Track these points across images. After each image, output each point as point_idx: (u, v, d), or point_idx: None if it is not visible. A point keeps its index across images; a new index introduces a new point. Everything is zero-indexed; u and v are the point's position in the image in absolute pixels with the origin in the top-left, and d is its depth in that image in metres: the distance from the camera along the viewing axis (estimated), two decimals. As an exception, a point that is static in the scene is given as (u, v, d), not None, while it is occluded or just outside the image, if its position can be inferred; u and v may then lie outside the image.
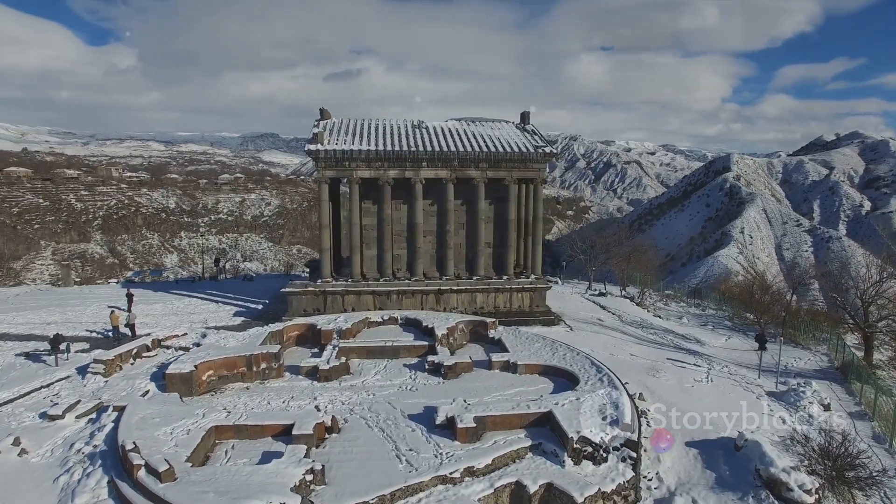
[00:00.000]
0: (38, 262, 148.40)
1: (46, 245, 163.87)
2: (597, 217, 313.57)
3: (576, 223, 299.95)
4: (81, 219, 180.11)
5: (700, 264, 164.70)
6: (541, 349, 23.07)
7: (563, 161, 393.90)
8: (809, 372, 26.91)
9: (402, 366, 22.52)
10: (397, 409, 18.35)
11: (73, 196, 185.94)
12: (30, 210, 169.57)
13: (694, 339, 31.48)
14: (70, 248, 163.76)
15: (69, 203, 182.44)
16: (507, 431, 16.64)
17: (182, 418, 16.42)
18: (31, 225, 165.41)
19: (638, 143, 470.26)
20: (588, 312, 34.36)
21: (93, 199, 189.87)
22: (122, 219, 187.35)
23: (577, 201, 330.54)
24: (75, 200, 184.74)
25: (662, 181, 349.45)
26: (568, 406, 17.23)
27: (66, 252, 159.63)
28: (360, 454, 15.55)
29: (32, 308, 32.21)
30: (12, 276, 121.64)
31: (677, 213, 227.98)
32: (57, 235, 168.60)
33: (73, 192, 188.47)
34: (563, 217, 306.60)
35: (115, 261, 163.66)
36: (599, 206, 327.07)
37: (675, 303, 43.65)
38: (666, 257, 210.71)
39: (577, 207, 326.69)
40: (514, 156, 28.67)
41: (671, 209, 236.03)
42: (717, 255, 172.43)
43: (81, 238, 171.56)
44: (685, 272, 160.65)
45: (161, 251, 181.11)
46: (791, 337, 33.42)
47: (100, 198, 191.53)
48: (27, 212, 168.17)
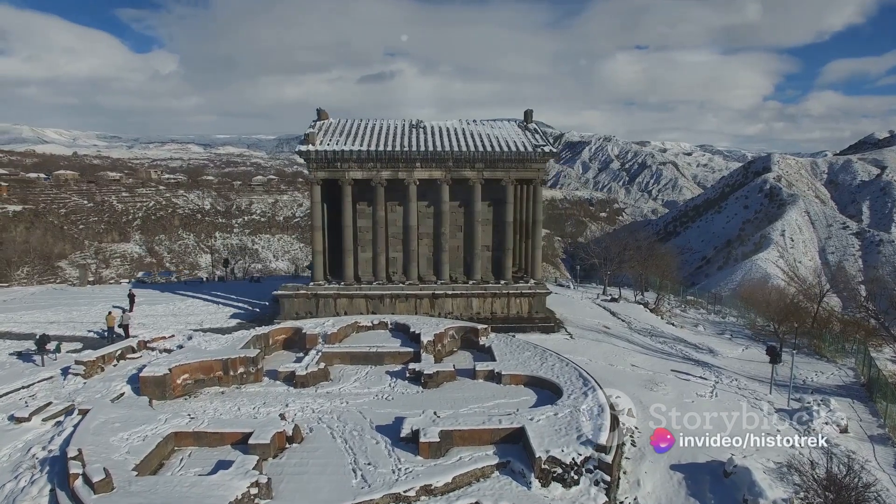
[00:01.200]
0: (81, 260, 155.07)
1: (90, 245, 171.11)
2: (630, 219, 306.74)
3: (609, 225, 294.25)
4: (122, 219, 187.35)
5: (737, 268, 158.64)
6: (530, 358, 21.92)
7: (596, 162, 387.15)
8: (830, 388, 24.84)
9: (384, 373, 21.78)
10: (367, 419, 17.61)
11: (115, 197, 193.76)
12: (76, 211, 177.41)
13: (707, 348, 29.67)
14: (111, 247, 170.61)
15: (111, 204, 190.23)
16: (476, 447, 15.66)
17: (143, 423, 16.08)
18: (77, 225, 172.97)
19: (674, 143, 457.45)
20: (595, 319, 32.86)
21: (133, 200, 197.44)
22: (160, 219, 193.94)
23: (611, 203, 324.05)
24: (117, 202, 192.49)
25: (699, 182, 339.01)
26: (543, 422, 16.12)
27: (107, 252, 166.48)
28: (315, 467, 14.87)
29: (42, 307, 32.97)
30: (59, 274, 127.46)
31: (714, 215, 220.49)
32: (99, 235, 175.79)
33: (115, 193, 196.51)
34: (595, 219, 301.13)
35: (152, 260, 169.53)
36: (633, 207, 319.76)
37: (695, 309, 41.53)
38: (702, 260, 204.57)
39: (610, 209, 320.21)
40: (512, 155, 27.53)
41: (707, 211, 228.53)
42: (755, 258, 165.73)
43: (122, 238, 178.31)
44: (721, 276, 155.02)
45: (196, 251, 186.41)
46: (816, 348, 31.16)
47: (139, 199, 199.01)
48: (73, 212, 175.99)
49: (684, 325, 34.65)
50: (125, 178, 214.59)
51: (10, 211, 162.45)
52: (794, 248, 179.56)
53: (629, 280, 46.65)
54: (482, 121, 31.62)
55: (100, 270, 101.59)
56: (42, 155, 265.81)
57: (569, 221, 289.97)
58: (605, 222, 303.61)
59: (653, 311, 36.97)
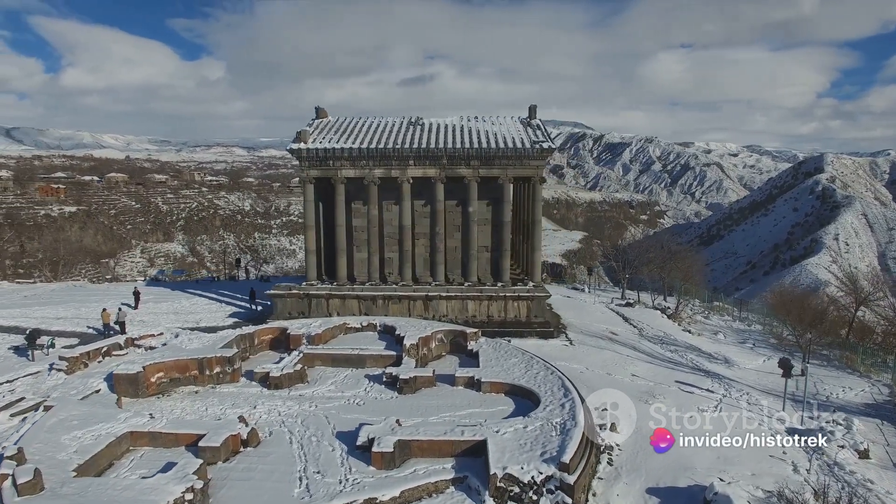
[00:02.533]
0: (128, 259, 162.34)
1: (137, 244, 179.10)
2: (672, 221, 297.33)
3: (650, 228, 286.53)
4: (167, 220, 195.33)
5: (785, 273, 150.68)
6: (516, 365, 20.68)
7: (637, 164, 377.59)
8: (857, 406, 22.50)
9: (363, 376, 21.04)
10: (331, 424, 16.89)
11: (161, 199, 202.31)
12: (124, 212, 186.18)
13: (722, 358, 27.57)
14: (156, 247, 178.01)
15: (157, 205, 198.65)
16: (435, 459, 14.65)
17: (101, 422, 15.84)
18: (125, 226, 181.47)
19: (719, 144, 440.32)
20: (603, 324, 31.16)
21: (177, 201, 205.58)
22: (202, 220, 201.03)
23: (652, 205, 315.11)
24: (162, 203, 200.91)
25: (745, 184, 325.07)
26: (509, 435, 14.94)
27: (152, 251, 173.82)
28: (262, 473, 14.23)
29: (55, 303, 33.94)
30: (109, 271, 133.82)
31: (760, 218, 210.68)
32: (145, 235, 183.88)
33: (161, 195, 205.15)
34: (636, 222, 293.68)
35: (194, 259, 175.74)
36: (675, 210, 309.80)
37: (720, 316, 39.01)
38: (747, 265, 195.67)
39: (651, 212, 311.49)
40: (508, 152, 26.28)
41: (754, 214, 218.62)
42: (805, 263, 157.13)
43: (166, 238, 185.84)
44: (768, 281, 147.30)
45: (236, 251, 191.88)
46: (848, 361, 28.56)
47: (183, 200, 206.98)
48: (122, 213, 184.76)
49: (702, 333, 32.44)
50: (170, 180, 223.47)
51: (66, 212, 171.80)
52: (850, 252, 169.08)
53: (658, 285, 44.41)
54: (484, 117, 30.47)
55: (116, 268, 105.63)
56: (98, 159, 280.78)
57: (608, 224, 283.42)
58: (646, 225, 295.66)
59: (670, 317, 34.83)
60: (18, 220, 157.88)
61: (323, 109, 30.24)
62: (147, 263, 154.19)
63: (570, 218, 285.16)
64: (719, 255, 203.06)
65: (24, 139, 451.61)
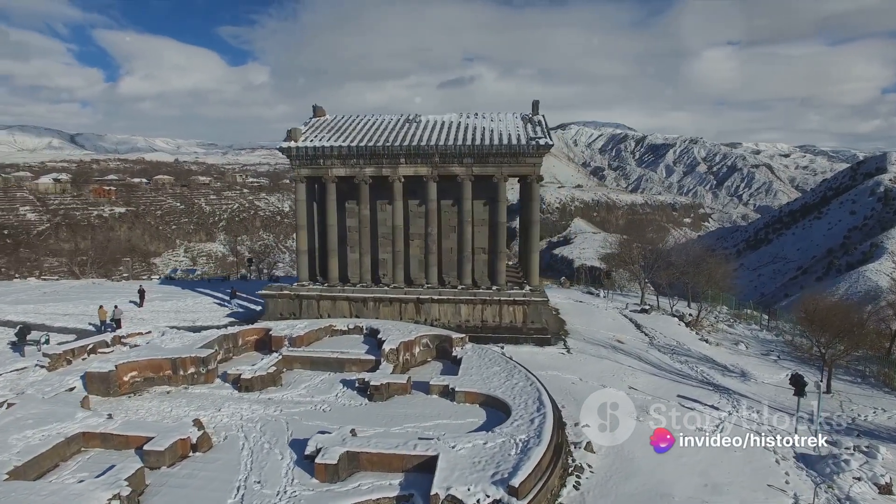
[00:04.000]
0: (172, 258, 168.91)
1: (181, 243, 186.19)
2: (717, 225, 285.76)
3: (693, 231, 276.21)
4: (209, 220, 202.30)
5: (840, 280, 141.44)
6: (497, 374, 19.38)
7: (681, 166, 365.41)
8: (887, 431, 20.09)
9: (338, 381, 20.23)
10: (290, 430, 16.13)
11: (204, 200, 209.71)
12: (170, 213, 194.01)
13: (739, 371, 25.40)
14: (199, 246, 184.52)
15: (200, 206, 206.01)
16: (384, 474, 13.63)
17: (57, 421, 15.57)
18: (170, 226, 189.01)
19: (769, 144, 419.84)
20: (611, 332, 29.32)
21: (219, 202, 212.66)
22: (243, 220, 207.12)
23: (696, 208, 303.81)
24: (205, 204, 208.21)
25: (797, 186, 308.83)
26: (465, 451, 13.74)
27: (195, 250, 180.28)
28: (202, 480, 13.57)
29: (70, 300, 34.81)
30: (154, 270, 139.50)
31: (813, 222, 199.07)
32: (189, 235, 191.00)
33: (204, 196, 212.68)
34: (678, 225, 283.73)
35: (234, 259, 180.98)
36: (721, 213, 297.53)
37: (746, 324, 36.32)
38: (797, 270, 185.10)
39: (695, 214, 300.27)
40: (502, 149, 24.92)
41: (806, 217, 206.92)
42: (863, 269, 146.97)
43: (208, 238, 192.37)
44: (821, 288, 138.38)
45: (275, 251, 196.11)
46: (886, 379, 25.83)
47: (225, 202, 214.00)
48: (168, 214, 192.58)
49: (721, 343, 30.11)
50: (213, 181, 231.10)
51: (116, 212, 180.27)
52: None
53: (676, 290, 41.93)
54: (484, 114, 29.19)
55: (135, 267, 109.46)
56: (149, 162, 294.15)
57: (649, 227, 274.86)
58: (689, 228, 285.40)
59: (688, 324, 32.56)
60: (74, 220, 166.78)
61: (321, 108, 29.77)
62: (190, 262, 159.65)
63: (611, 220, 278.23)
64: (767, 259, 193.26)
65: (85, 144, 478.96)
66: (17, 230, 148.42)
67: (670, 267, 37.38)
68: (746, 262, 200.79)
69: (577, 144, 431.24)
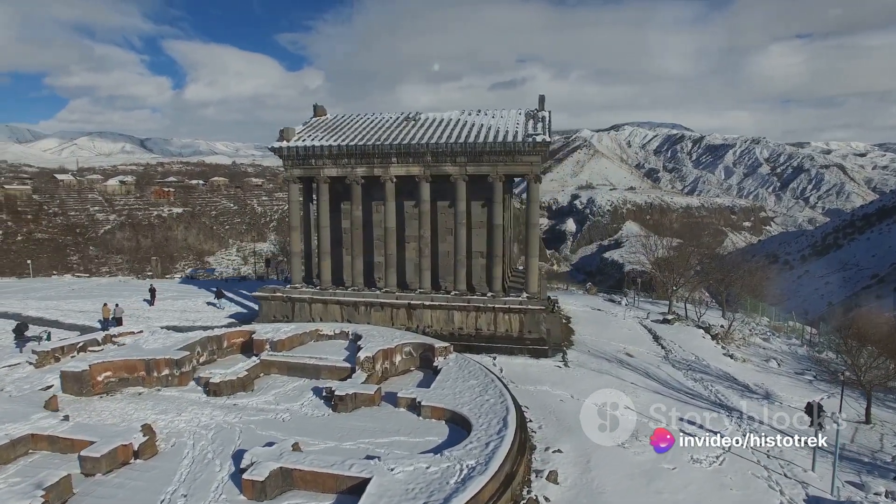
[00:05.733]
0: (225, 257, 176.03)
1: (233, 243, 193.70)
2: (781, 229, 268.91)
3: (754, 235, 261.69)
4: (261, 221, 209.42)
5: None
6: (472, 388, 17.92)
7: (741, 167, 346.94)
8: (932, 471, 17.15)
9: (310, 388, 19.41)
10: (240, 440, 15.40)
11: (256, 201, 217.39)
12: (224, 213, 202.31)
13: (762, 392, 22.80)
14: (250, 246, 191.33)
15: (252, 207, 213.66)
16: (317, 494, 12.61)
17: (10, 421, 15.47)
18: (223, 226, 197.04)
19: (842, 143, 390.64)
20: (623, 343, 27.12)
21: (271, 203, 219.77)
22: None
23: (757, 211, 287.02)
24: (257, 205, 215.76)
25: (875, 187, 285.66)
26: (403, 475, 12.48)
27: (246, 250, 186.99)
28: (130, 491, 12.97)
29: (92, 297, 35.96)
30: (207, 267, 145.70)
31: (891, 226, 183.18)
32: (241, 235, 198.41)
33: (256, 197, 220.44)
34: (737, 229, 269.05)
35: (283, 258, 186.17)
36: (785, 216, 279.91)
37: (786, 337, 32.99)
38: (871, 279, 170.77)
39: (755, 218, 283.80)
40: (496, 146, 23.37)
41: (883, 221, 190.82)
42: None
43: (259, 238, 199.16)
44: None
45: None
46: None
47: (276, 203, 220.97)
48: (222, 214, 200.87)
49: (749, 359, 27.27)
50: (266, 183, 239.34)
51: (174, 213, 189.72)
52: None
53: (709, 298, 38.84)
54: (486, 110, 27.71)
55: (166, 265, 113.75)
56: (208, 165, 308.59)
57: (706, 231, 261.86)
58: (750, 232, 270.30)
59: (714, 337, 29.77)
60: (136, 219, 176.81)
61: (321, 107, 29.26)
62: (241, 261, 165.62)
63: (664, 223, 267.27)
64: (836, 266, 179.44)
65: (153, 148, 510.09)
66: (88, 229, 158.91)
67: (700, 274, 34.43)
68: (812, 269, 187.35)
69: (631, 146, 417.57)
